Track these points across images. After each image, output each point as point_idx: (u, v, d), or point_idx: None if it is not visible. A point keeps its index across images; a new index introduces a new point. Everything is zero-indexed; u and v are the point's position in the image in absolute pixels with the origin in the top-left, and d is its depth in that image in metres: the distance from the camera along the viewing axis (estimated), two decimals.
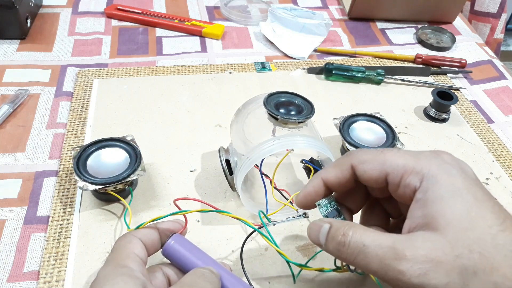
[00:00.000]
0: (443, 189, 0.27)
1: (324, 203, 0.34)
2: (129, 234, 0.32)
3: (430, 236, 0.25)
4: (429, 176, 0.27)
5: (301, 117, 0.41)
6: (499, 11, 1.03)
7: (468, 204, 0.26)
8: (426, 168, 0.28)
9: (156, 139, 0.51)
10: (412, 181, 0.28)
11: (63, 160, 0.47)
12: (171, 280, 0.32)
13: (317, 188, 0.32)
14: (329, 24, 0.69)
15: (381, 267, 0.25)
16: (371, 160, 0.30)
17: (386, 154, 0.30)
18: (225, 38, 0.69)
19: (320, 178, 0.32)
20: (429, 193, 0.27)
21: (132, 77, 0.59)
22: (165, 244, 0.32)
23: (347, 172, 0.31)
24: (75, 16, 0.70)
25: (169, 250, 0.32)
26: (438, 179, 0.27)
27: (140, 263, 0.30)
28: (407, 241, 0.26)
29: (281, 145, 0.38)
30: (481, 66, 0.69)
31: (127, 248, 0.31)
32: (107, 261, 0.30)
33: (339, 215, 0.34)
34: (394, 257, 0.25)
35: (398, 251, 0.25)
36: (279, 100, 0.43)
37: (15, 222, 0.41)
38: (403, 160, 0.29)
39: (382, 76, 0.62)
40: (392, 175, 0.29)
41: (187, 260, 0.32)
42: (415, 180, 0.28)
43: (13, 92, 0.54)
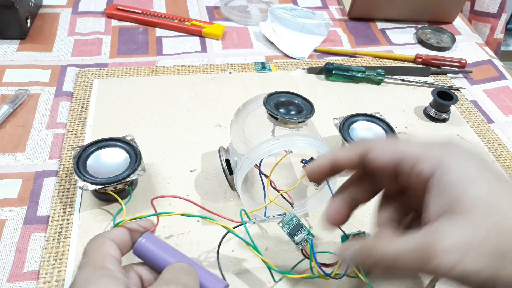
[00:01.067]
0: (460, 174, 0.26)
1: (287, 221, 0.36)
2: (101, 236, 0.31)
3: (455, 221, 0.25)
4: (444, 163, 0.27)
5: (300, 117, 0.41)
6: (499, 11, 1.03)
7: (488, 185, 0.26)
8: (440, 156, 0.27)
9: (156, 139, 0.51)
10: (425, 169, 0.27)
11: (63, 160, 0.47)
12: (143, 279, 0.31)
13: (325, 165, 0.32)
14: (329, 24, 0.69)
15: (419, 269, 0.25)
16: (383, 147, 0.30)
17: (398, 142, 0.30)
18: (225, 38, 0.69)
19: (329, 155, 0.32)
20: (446, 179, 0.26)
21: (132, 77, 0.59)
22: (136, 243, 0.32)
23: (357, 156, 0.31)
24: (75, 16, 0.70)
25: (140, 249, 0.32)
26: (453, 165, 0.27)
27: (117, 263, 0.30)
28: (434, 234, 0.25)
29: (281, 145, 0.38)
30: (481, 66, 0.69)
31: (102, 249, 0.30)
32: (82, 265, 0.29)
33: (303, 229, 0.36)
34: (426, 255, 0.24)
35: (428, 248, 0.25)
36: (279, 100, 0.43)
37: (15, 222, 0.41)
38: (415, 148, 0.29)
39: (382, 76, 0.62)
40: (404, 163, 0.28)
41: (160, 258, 0.31)
42: (429, 168, 0.27)
43: (13, 92, 0.55)
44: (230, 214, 0.38)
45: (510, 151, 0.55)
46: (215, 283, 0.31)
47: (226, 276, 0.39)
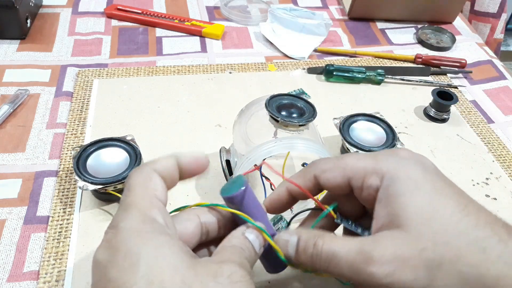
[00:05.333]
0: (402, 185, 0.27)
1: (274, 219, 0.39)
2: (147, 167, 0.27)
3: (394, 234, 0.26)
4: (388, 174, 0.28)
5: (302, 120, 0.40)
6: (499, 11, 1.03)
7: (428, 196, 0.26)
8: (385, 167, 0.28)
9: (156, 139, 0.51)
10: (373, 182, 0.28)
11: (63, 160, 0.47)
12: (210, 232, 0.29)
13: (281, 196, 0.33)
14: (329, 24, 0.69)
15: (353, 272, 0.26)
16: (332, 168, 0.30)
17: (346, 160, 0.30)
18: (225, 38, 0.69)
19: (284, 187, 0.32)
20: (389, 191, 0.27)
21: (132, 77, 0.59)
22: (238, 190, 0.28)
23: (310, 182, 0.31)
24: (75, 16, 0.70)
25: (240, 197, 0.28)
26: (397, 176, 0.27)
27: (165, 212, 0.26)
28: (373, 243, 0.26)
29: (281, 147, 0.38)
30: (481, 66, 0.69)
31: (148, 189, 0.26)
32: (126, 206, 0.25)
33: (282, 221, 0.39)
34: (362, 261, 0.25)
35: (365, 254, 0.25)
36: (281, 103, 0.42)
37: (15, 222, 0.41)
38: (362, 163, 0.29)
39: (382, 76, 0.62)
40: (354, 179, 0.29)
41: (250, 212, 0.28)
42: (376, 180, 0.28)
43: (13, 92, 0.54)
44: None
45: (510, 151, 0.55)
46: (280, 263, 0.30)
47: None
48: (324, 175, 0.30)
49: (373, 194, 0.28)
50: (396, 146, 0.47)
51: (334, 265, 0.26)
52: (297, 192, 0.32)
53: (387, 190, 0.27)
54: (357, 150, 0.47)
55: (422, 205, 0.26)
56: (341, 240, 0.27)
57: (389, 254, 0.25)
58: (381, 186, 0.28)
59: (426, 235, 0.25)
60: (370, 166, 0.29)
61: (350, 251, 0.26)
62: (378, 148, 0.47)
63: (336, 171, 0.30)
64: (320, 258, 0.27)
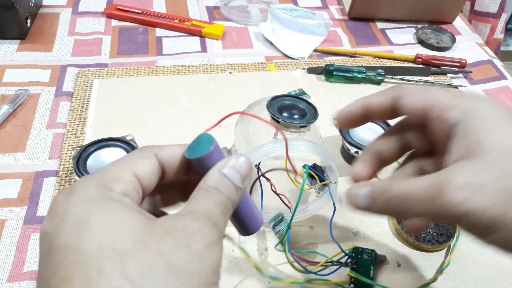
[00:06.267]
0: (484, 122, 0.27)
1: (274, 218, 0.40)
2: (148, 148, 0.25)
3: (471, 163, 0.25)
4: (470, 112, 0.27)
5: (302, 122, 0.40)
6: (499, 11, 1.03)
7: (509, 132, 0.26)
8: (468, 103, 0.28)
9: (156, 139, 0.51)
10: (453, 115, 0.28)
11: (63, 160, 0.47)
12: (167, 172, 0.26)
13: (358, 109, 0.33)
14: (329, 24, 0.69)
15: (427, 207, 0.25)
16: (416, 92, 0.30)
17: (432, 90, 0.30)
18: (225, 38, 0.69)
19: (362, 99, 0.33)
20: (469, 126, 0.27)
21: (132, 77, 0.59)
22: None
23: (389, 102, 0.31)
24: (75, 16, 0.70)
25: None
26: (478, 115, 0.27)
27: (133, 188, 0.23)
28: (447, 174, 0.26)
29: (281, 149, 0.38)
30: (481, 66, 0.69)
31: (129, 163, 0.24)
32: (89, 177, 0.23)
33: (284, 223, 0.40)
34: (436, 192, 0.25)
35: (438, 185, 0.25)
36: (282, 104, 0.42)
37: (15, 222, 0.41)
38: (446, 96, 0.29)
39: (382, 76, 0.62)
40: (434, 109, 0.29)
41: None
42: (456, 115, 0.28)
43: (13, 92, 0.55)
44: None
45: None
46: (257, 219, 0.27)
47: (226, 275, 0.39)
48: (406, 97, 0.30)
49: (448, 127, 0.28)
50: None
51: (409, 206, 0.26)
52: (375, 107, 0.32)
53: (467, 124, 0.27)
54: (357, 150, 0.47)
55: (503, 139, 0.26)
56: (412, 180, 0.27)
57: (464, 181, 0.24)
58: (460, 122, 0.28)
59: (506, 165, 0.25)
60: (453, 101, 0.29)
61: (422, 186, 0.26)
62: None
63: (417, 98, 0.30)
64: (394, 201, 0.27)
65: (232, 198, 0.24)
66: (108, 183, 0.22)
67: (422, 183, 0.26)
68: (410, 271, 0.41)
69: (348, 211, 0.45)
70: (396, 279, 0.40)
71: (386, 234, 0.44)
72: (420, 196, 0.26)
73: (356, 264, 0.39)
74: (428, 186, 0.26)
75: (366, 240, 0.43)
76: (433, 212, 0.25)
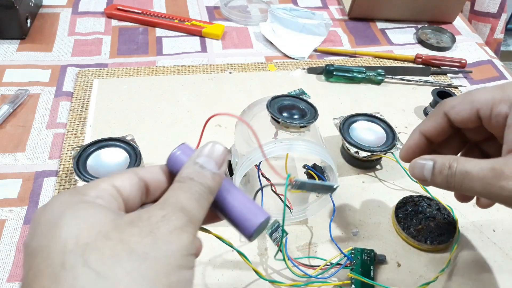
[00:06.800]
0: None
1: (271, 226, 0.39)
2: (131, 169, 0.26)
3: None
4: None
5: (302, 122, 0.40)
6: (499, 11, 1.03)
7: None
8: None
9: (156, 139, 0.51)
10: (502, 109, 0.30)
11: (63, 160, 0.47)
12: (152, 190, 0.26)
13: (417, 141, 0.36)
14: (329, 24, 0.69)
15: (484, 187, 0.29)
16: (460, 102, 0.33)
17: (472, 94, 0.32)
18: (225, 38, 0.69)
19: (418, 131, 0.35)
20: None
21: (132, 77, 0.59)
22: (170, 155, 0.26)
23: (442, 120, 0.34)
24: (75, 16, 0.70)
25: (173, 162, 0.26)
26: None
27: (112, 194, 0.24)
28: (504, 162, 0.28)
29: (281, 149, 0.38)
30: (481, 66, 0.69)
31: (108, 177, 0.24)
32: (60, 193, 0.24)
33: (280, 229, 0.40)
34: (494, 176, 0.28)
35: (497, 171, 0.28)
36: (283, 104, 0.42)
37: (15, 222, 0.41)
38: (489, 94, 0.31)
39: (382, 76, 0.62)
40: (483, 110, 0.31)
41: None
42: (505, 108, 0.30)
43: (13, 92, 0.55)
44: None
45: None
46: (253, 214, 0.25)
47: (226, 274, 0.39)
48: (453, 110, 0.33)
49: (502, 121, 0.31)
50: (396, 146, 0.47)
51: (468, 183, 0.29)
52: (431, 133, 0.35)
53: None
54: (357, 150, 0.47)
55: None
56: (474, 161, 0.30)
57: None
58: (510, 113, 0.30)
59: None
60: (498, 96, 0.31)
61: (482, 169, 0.29)
62: (378, 148, 0.47)
63: (464, 105, 0.32)
64: (455, 178, 0.30)
65: (209, 184, 0.24)
66: (83, 190, 0.23)
67: (484, 165, 0.29)
68: (410, 271, 0.41)
69: (348, 212, 0.45)
70: (396, 279, 0.40)
71: (386, 234, 0.44)
72: (479, 178, 0.29)
73: (356, 265, 0.39)
74: (487, 169, 0.29)
75: (366, 240, 0.43)
76: (490, 193, 0.29)
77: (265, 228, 0.26)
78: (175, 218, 0.22)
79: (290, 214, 0.43)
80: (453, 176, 0.30)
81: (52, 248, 0.20)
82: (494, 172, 0.28)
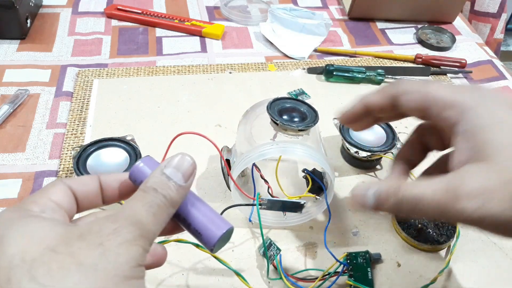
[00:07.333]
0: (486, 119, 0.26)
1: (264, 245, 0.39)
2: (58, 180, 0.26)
3: (480, 168, 0.26)
4: (471, 109, 0.27)
5: (301, 125, 0.40)
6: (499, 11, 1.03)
7: None
8: (466, 101, 0.28)
9: (156, 139, 0.51)
10: (452, 114, 0.28)
11: (63, 160, 0.47)
12: None
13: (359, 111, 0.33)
14: (329, 24, 0.69)
15: (440, 212, 0.26)
16: (414, 91, 0.30)
17: (429, 87, 0.30)
18: (225, 38, 0.69)
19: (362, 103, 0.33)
20: (472, 125, 0.27)
21: (132, 77, 0.59)
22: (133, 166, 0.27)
23: (389, 100, 0.31)
24: (75, 16, 0.70)
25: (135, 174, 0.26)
26: (480, 111, 0.27)
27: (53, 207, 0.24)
28: (459, 179, 0.26)
29: (279, 151, 0.38)
30: (481, 66, 0.69)
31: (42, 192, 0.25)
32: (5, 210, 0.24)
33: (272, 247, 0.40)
34: (450, 199, 0.25)
35: (452, 192, 0.25)
36: (284, 106, 0.42)
37: None
38: (443, 93, 0.29)
39: (382, 76, 0.62)
40: (432, 108, 0.29)
41: None
42: (454, 114, 0.28)
43: (13, 92, 0.54)
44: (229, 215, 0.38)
45: None
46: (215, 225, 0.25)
47: (226, 274, 0.39)
48: (404, 96, 0.30)
49: (450, 126, 0.28)
50: (396, 146, 0.47)
51: (421, 209, 0.26)
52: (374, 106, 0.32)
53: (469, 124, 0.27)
54: (357, 150, 0.47)
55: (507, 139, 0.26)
56: (423, 184, 0.27)
57: (477, 188, 0.25)
58: (462, 120, 0.27)
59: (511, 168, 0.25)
60: (451, 98, 0.28)
61: (436, 191, 0.26)
62: (378, 148, 0.47)
63: (416, 95, 0.30)
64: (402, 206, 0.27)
65: (172, 196, 0.24)
66: (26, 205, 0.23)
67: (437, 186, 0.26)
68: (410, 271, 0.41)
69: (348, 212, 0.45)
70: (396, 279, 0.40)
71: (386, 234, 0.44)
72: (433, 201, 0.26)
73: (353, 270, 0.39)
74: (441, 190, 0.26)
75: (367, 240, 0.43)
76: (447, 217, 0.26)
77: (228, 240, 0.26)
78: (126, 231, 0.22)
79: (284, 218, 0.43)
80: (401, 204, 0.27)
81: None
82: (450, 193, 0.25)
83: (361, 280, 0.38)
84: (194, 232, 0.25)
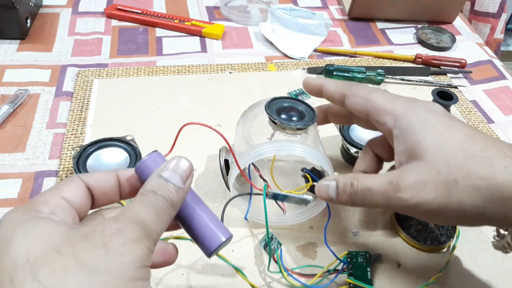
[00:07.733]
0: (415, 124, 0.32)
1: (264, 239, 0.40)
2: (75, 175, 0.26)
3: (415, 164, 0.31)
4: (405, 115, 0.33)
5: (299, 124, 0.40)
6: (499, 11, 1.03)
7: (438, 131, 0.31)
8: (399, 110, 0.33)
9: (156, 139, 0.51)
10: (387, 120, 0.33)
11: (63, 160, 0.47)
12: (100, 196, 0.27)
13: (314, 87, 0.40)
14: (329, 24, 0.69)
15: (385, 200, 0.31)
16: (360, 96, 0.36)
17: (372, 94, 0.35)
18: (225, 38, 0.69)
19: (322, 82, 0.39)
20: (404, 130, 0.32)
21: (132, 77, 0.59)
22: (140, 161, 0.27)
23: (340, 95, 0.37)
24: (75, 16, 0.70)
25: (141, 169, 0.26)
26: (410, 118, 0.32)
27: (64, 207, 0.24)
28: (399, 174, 0.31)
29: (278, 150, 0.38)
30: (481, 66, 0.69)
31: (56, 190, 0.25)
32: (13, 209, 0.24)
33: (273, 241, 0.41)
34: (392, 189, 0.31)
35: (394, 184, 0.31)
36: (282, 105, 0.42)
37: None
38: (382, 102, 0.34)
39: (382, 76, 0.62)
40: (372, 114, 0.35)
41: None
42: (390, 120, 0.33)
43: (13, 92, 0.55)
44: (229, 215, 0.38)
45: None
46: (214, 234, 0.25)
47: (226, 273, 0.39)
48: (350, 99, 0.36)
49: (387, 131, 0.34)
50: None
51: (370, 198, 0.32)
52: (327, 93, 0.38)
53: (401, 129, 0.32)
54: (357, 151, 0.47)
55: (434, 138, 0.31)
56: (373, 177, 0.32)
57: (412, 180, 0.30)
58: (395, 126, 0.33)
59: (440, 161, 0.30)
60: (387, 107, 0.34)
61: (381, 184, 0.31)
62: None
63: (361, 100, 0.35)
64: (357, 195, 0.32)
65: (171, 198, 0.24)
66: (35, 206, 0.23)
67: (383, 180, 0.31)
68: (410, 271, 0.41)
69: (348, 211, 0.45)
70: (396, 279, 0.40)
71: (386, 234, 0.44)
72: (379, 192, 0.31)
73: (353, 269, 0.39)
74: (386, 183, 0.31)
75: (366, 240, 0.43)
76: (391, 205, 0.31)
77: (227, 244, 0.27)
78: (130, 230, 0.22)
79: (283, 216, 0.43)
80: (356, 194, 0.32)
81: (1, 266, 0.20)
82: (392, 185, 0.31)
83: (361, 279, 0.39)
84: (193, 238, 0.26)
